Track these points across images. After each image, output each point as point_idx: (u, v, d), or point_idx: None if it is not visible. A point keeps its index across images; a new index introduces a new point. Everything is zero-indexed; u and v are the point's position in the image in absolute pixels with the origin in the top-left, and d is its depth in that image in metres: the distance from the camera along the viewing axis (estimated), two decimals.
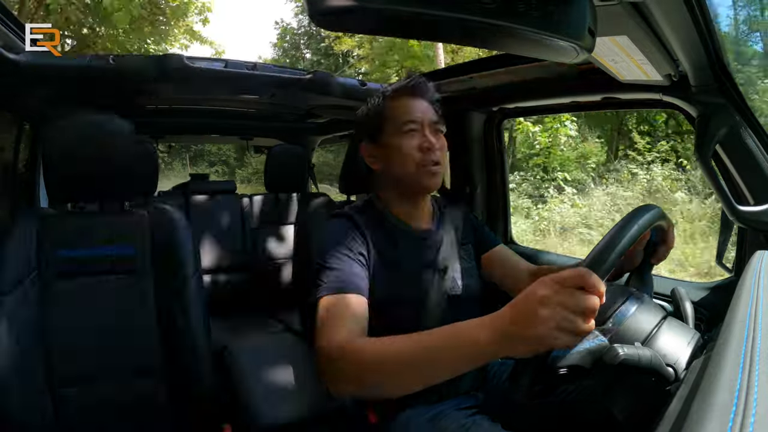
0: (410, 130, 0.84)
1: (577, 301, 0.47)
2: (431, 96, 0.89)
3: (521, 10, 0.35)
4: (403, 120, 0.85)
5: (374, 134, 0.88)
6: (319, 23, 0.34)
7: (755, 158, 0.79)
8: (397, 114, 0.86)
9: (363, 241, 0.84)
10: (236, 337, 1.55)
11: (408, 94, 0.87)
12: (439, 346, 0.56)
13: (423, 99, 0.87)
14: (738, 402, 0.25)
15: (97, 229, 0.98)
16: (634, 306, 0.59)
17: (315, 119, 1.97)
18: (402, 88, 0.87)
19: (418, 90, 0.87)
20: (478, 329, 0.53)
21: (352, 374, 0.63)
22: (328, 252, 0.80)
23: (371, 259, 0.83)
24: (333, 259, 0.79)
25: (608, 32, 0.60)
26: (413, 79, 0.88)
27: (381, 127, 0.87)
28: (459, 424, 0.78)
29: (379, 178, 0.91)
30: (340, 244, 0.81)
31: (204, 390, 0.93)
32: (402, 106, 0.86)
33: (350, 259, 0.80)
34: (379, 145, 0.88)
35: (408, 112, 0.85)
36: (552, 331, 0.47)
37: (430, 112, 0.87)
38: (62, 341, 0.91)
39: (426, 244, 0.91)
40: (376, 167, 0.90)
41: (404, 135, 0.85)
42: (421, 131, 0.85)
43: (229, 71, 1.11)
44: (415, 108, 0.86)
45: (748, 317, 0.39)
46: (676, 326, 0.59)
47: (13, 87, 1.12)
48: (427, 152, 0.84)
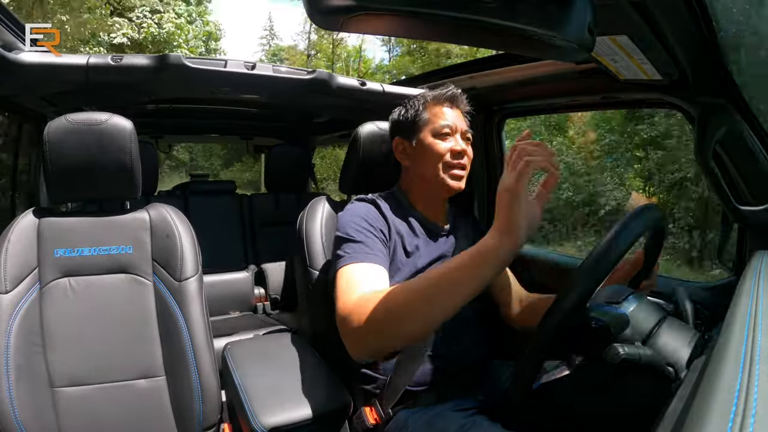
0: (445, 134, 0.92)
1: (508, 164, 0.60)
2: (465, 107, 0.98)
3: (521, 10, 0.35)
4: (441, 124, 0.93)
5: (410, 133, 0.95)
6: (319, 23, 0.34)
7: (755, 158, 0.79)
8: (436, 118, 0.93)
9: (385, 223, 0.89)
10: (236, 337, 1.55)
11: (447, 102, 0.95)
12: (451, 267, 0.61)
13: (459, 108, 0.96)
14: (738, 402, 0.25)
15: (97, 229, 0.98)
16: (634, 305, 0.59)
17: (315, 119, 1.97)
18: (442, 96, 0.96)
19: (455, 100, 0.96)
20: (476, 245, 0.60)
21: (370, 320, 0.65)
22: (350, 226, 0.84)
23: (392, 242, 0.88)
24: (356, 233, 0.83)
25: (608, 32, 0.60)
26: (451, 89, 0.97)
27: (418, 128, 0.94)
28: (458, 425, 0.78)
29: (407, 173, 0.99)
30: (364, 222, 0.85)
31: (204, 390, 0.93)
32: (441, 111, 0.94)
33: (373, 235, 0.84)
34: (413, 144, 0.95)
35: (445, 118, 0.93)
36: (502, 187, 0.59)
37: (463, 122, 0.96)
38: (62, 341, 0.91)
39: (442, 240, 0.97)
40: (405, 163, 0.98)
41: (439, 137, 0.92)
42: (454, 137, 0.93)
43: (228, 71, 1.11)
44: (452, 115, 0.94)
45: (748, 317, 0.39)
46: (676, 326, 0.59)
47: (13, 87, 1.12)
48: (457, 156, 0.92)
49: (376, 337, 0.66)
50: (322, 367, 0.97)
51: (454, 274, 0.60)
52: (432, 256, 0.92)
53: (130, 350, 0.95)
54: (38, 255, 0.92)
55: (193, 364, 0.93)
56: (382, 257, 0.82)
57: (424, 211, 0.96)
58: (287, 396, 0.86)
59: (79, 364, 0.91)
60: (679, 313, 0.64)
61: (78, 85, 1.05)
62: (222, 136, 2.50)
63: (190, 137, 3.33)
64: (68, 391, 0.90)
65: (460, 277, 0.59)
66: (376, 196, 0.95)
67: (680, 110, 0.93)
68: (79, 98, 1.26)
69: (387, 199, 0.95)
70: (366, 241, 0.82)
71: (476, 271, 0.58)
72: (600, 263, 0.55)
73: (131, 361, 0.95)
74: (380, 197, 0.95)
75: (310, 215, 1.07)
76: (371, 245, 0.81)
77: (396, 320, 0.63)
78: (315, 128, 2.23)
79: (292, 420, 0.81)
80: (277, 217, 2.14)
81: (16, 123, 1.36)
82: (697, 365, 0.49)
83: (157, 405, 0.94)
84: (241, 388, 0.90)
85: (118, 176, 0.96)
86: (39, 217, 0.95)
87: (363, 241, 0.81)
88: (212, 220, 2.01)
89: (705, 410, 0.26)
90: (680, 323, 0.60)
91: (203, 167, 13.36)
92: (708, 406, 0.26)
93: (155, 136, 2.32)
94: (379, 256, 0.81)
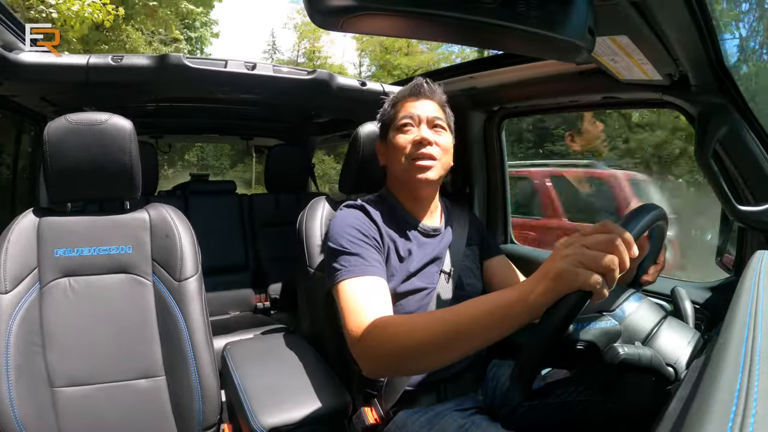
0: (405, 125, 0.91)
1: (596, 239, 0.49)
2: (436, 96, 0.94)
3: (521, 10, 0.35)
4: (401, 117, 0.91)
5: (384, 134, 0.96)
6: (319, 23, 0.34)
7: (755, 158, 0.79)
8: (399, 113, 0.93)
9: (377, 230, 0.87)
10: (236, 337, 1.55)
11: (410, 96, 0.94)
12: (480, 311, 0.56)
13: (425, 99, 0.93)
14: (738, 402, 0.25)
15: (97, 229, 0.98)
16: (634, 305, 0.59)
17: (315, 119, 1.97)
18: (405, 90, 0.95)
19: (419, 91, 0.93)
20: (509, 291, 0.55)
21: (390, 349, 0.64)
22: (344, 237, 0.82)
23: (385, 247, 0.86)
24: (351, 245, 0.81)
25: (608, 32, 0.60)
26: (415, 81, 0.95)
27: (387, 128, 0.94)
28: (458, 425, 0.78)
29: (388, 173, 0.98)
30: (356, 230, 0.84)
31: (204, 390, 0.93)
32: (404, 106, 0.93)
33: (368, 245, 0.82)
34: (385, 143, 0.95)
35: (406, 111, 0.92)
36: (573, 265, 0.48)
37: (430, 109, 0.92)
38: (62, 341, 0.91)
39: (435, 240, 0.94)
40: (382, 163, 0.98)
41: (400, 131, 0.91)
42: (418, 127, 0.90)
43: (229, 71, 1.11)
44: (414, 106, 0.92)
45: (748, 317, 0.39)
46: (676, 326, 0.59)
47: (13, 87, 1.12)
48: (418, 146, 0.88)
49: (397, 366, 0.66)
50: (322, 367, 0.97)
51: (485, 320, 0.55)
52: (425, 260, 0.89)
53: (130, 350, 0.95)
54: (38, 255, 0.92)
55: (192, 364, 0.93)
56: (380, 267, 0.80)
57: (413, 210, 0.94)
58: (287, 396, 0.86)
59: (79, 364, 0.91)
60: (679, 313, 0.64)
61: (78, 85, 1.05)
62: (222, 136, 2.50)
63: (190, 137, 3.33)
64: (68, 391, 0.90)
65: (501, 321, 0.54)
66: (365, 201, 0.92)
67: (680, 110, 0.93)
68: (79, 98, 1.26)
69: (376, 203, 0.92)
70: (362, 252, 0.80)
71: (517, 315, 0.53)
72: None
73: (131, 361, 0.95)
74: (369, 202, 0.92)
75: (310, 215, 1.07)
76: (368, 256, 0.80)
77: (421, 354, 0.61)
78: (315, 128, 2.22)
79: (291, 420, 0.81)
80: (277, 217, 2.14)
81: (16, 123, 1.36)
82: (697, 365, 0.49)
83: (157, 405, 0.94)
84: (241, 388, 0.90)
85: (118, 176, 0.96)
86: (39, 216, 0.95)
87: (359, 253, 0.79)
88: (212, 220, 2.01)
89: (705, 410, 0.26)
90: (680, 323, 0.60)
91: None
92: (708, 407, 0.26)
93: (155, 136, 2.31)
94: (377, 266, 0.79)
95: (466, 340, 0.57)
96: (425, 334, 0.60)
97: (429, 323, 0.61)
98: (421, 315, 0.67)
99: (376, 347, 0.66)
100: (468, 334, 0.56)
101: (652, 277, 0.68)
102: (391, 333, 0.64)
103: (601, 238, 0.49)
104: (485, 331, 0.55)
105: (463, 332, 0.57)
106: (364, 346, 0.68)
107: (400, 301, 0.85)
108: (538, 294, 0.50)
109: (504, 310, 0.54)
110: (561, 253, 0.50)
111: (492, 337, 0.55)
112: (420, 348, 0.60)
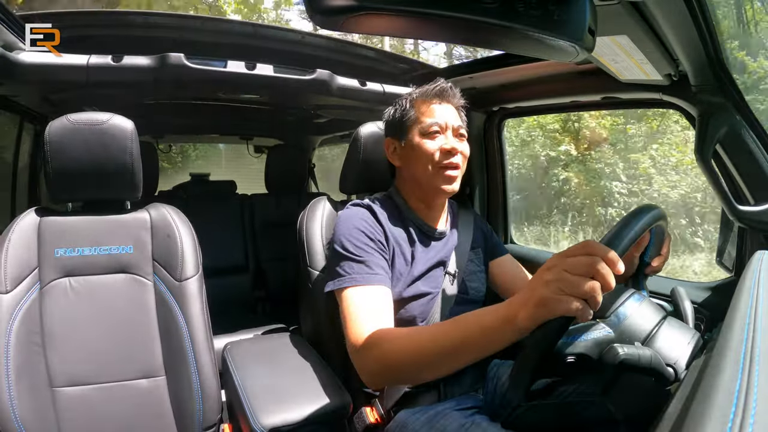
0: (434, 132, 0.87)
1: (578, 262, 0.48)
2: (457, 101, 0.92)
3: (521, 10, 0.35)
4: (428, 122, 0.88)
5: (399, 133, 0.92)
6: (319, 23, 0.34)
7: (755, 158, 0.79)
8: (423, 116, 0.89)
9: (382, 232, 0.86)
10: (236, 337, 1.55)
11: (435, 98, 0.90)
12: (470, 331, 0.57)
13: (449, 104, 0.91)
14: (738, 402, 0.25)
15: (97, 228, 0.98)
16: (634, 305, 0.59)
17: (315, 119, 1.97)
18: (429, 92, 0.91)
19: (444, 95, 0.91)
20: (498, 311, 0.55)
21: (385, 364, 0.65)
22: (350, 241, 0.82)
23: (390, 250, 0.86)
24: (356, 249, 0.81)
25: (608, 32, 0.60)
26: (440, 83, 0.92)
27: (407, 128, 0.90)
28: (458, 424, 0.78)
29: (400, 174, 0.95)
30: (363, 235, 0.83)
31: (204, 390, 0.93)
32: (428, 109, 0.89)
33: (373, 250, 0.82)
34: (403, 144, 0.91)
35: (433, 116, 0.88)
36: (554, 293, 0.47)
37: (454, 117, 0.90)
38: (62, 341, 0.91)
39: (441, 243, 0.94)
40: (397, 164, 0.94)
41: (427, 137, 0.88)
42: (444, 134, 0.88)
43: (229, 71, 1.11)
44: (441, 112, 0.89)
45: (748, 317, 0.39)
46: (676, 326, 0.59)
47: (13, 87, 1.12)
48: (447, 155, 0.87)
49: (392, 379, 0.69)
50: (322, 367, 0.97)
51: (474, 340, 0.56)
52: (430, 263, 0.89)
53: (131, 350, 0.95)
54: (38, 255, 0.92)
55: (193, 364, 0.93)
56: (384, 275, 0.80)
57: (422, 213, 0.93)
58: (287, 396, 0.86)
59: (79, 363, 0.91)
60: (679, 314, 0.64)
61: (78, 85, 1.05)
62: (222, 135, 2.50)
63: (190, 137, 3.33)
64: (68, 391, 0.90)
65: (491, 341, 0.55)
66: (372, 200, 0.91)
67: (680, 110, 0.93)
68: (80, 98, 1.26)
69: (383, 203, 0.91)
70: (367, 259, 0.79)
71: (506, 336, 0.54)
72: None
73: (131, 360, 0.95)
74: (376, 201, 0.91)
75: (310, 215, 1.07)
76: (372, 264, 0.79)
77: (414, 369, 0.63)
78: (315, 128, 2.22)
79: (291, 420, 0.81)
80: (278, 217, 2.14)
81: (16, 123, 1.36)
82: (697, 365, 0.49)
83: (157, 405, 0.94)
84: (241, 388, 0.90)
85: (118, 176, 0.96)
86: (40, 216, 0.95)
87: (364, 261, 0.79)
88: (213, 220, 2.01)
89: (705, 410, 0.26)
90: (680, 323, 0.60)
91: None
92: (708, 407, 0.26)
93: (156, 136, 2.32)
94: (381, 275, 0.79)
95: (457, 358, 0.58)
96: (418, 352, 0.62)
97: (420, 341, 0.62)
98: (415, 332, 0.67)
99: (372, 361, 0.68)
100: (458, 353, 0.58)
101: (657, 267, 0.69)
102: (386, 349, 0.66)
103: (583, 260, 0.48)
104: (475, 350, 0.56)
105: (453, 351, 0.58)
106: (361, 357, 0.70)
107: (405, 305, 0.85)
108: (522, 319, 0.50)
109: (492, 331, 0.54)
110: (543, 279, 0.49)
111: (483, 354, 0.56)
112: (413, 365, 0.62)
